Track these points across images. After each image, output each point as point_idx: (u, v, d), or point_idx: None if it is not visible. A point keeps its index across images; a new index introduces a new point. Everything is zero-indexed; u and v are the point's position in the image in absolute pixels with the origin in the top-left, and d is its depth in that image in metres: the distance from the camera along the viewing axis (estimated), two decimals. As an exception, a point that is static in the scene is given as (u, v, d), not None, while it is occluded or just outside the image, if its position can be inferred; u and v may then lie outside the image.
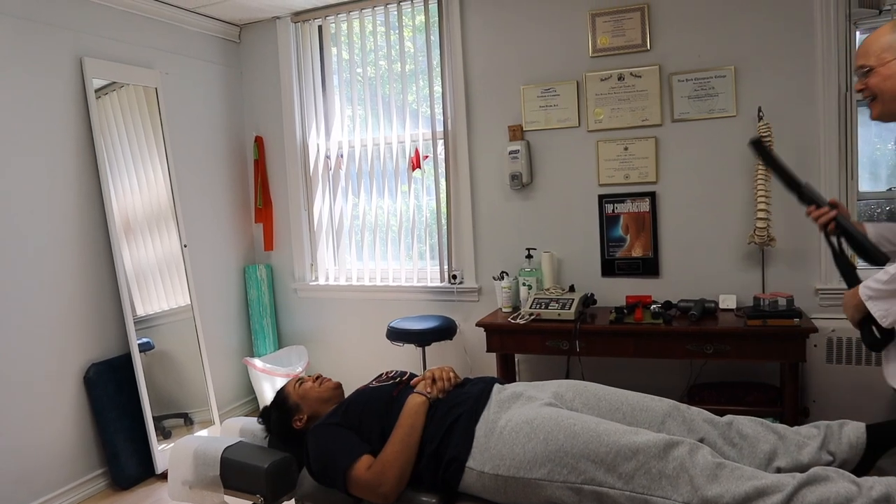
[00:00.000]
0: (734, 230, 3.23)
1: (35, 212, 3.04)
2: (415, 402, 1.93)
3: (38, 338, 3.04)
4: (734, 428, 1.81)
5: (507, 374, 3.36)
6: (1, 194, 2.90)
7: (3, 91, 2.92)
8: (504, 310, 3.45)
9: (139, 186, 3.56)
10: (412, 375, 2.21)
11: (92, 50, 3.31)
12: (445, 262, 3.82)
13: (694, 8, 3.21)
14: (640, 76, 3.32)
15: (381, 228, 4.05)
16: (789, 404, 2.83)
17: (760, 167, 2.98)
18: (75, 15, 3.24)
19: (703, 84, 3.22)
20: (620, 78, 3.36)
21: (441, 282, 3.85)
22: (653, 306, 3.09)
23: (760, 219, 2.98)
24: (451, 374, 2.07)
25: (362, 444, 1.91)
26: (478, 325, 3.29)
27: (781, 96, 3.10)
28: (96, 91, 3.32)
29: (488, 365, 3.39)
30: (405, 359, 3.72)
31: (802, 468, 1.65)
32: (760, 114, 3.04)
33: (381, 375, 2.24)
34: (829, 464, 1.68)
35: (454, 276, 3.78)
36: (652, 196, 3.35)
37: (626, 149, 3.38)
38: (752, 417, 1.85)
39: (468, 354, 3.74)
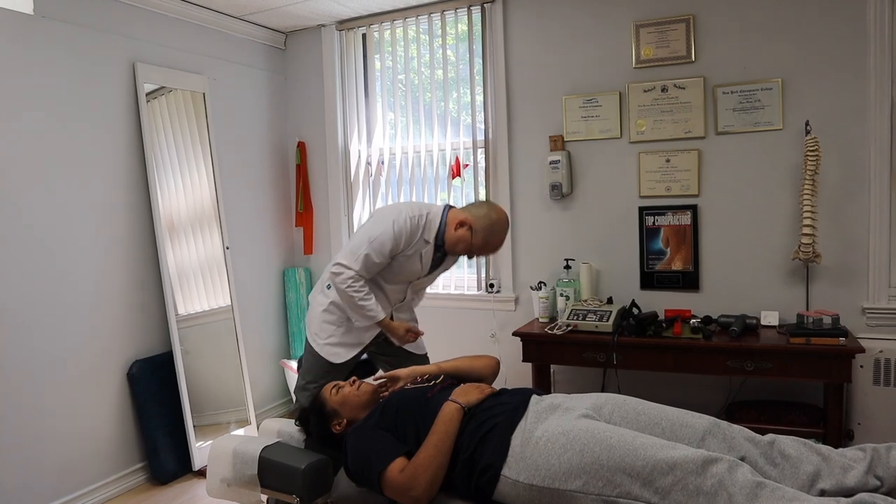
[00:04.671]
0: (778, 245, 3.17)
1: (86, 211, 3.14)
2: (450, 409, 1.94)
3: (86, 333, 3.13)
4: (776, 447, 1.77)
5: (543, 384, 3.34)
6: (55, 194, 3.00)
7: (61, 95, 3.02)
8: (541, 320, 3.44)
9: (184, 188, 3.65)
10: (446, 378, 2.22)
11: (144, 56, 3.42)
12: (483, 271, 3.82)
13: (740, 19, 3.17)
14: (683, 88, 3.29)
15: (419, 235, 4.07)
16: (833, 426, 2.76)
17: (807, 181, 2.92)
18: (130, 22, 3.34)
19: (748, 96, 3.17)
20: (664, 89, 3.33)
21: (478, 290, 3.85)
22: (692, 321, 3.05)
23: (806, 234, 2.92)
24: (487, 388, 2.08)
25: (398, 445, 1.93)
26: (514, 334, 3.28)
27: (830, 109, 3.03)
28: (147, 95, 3.42)
29: (524, 375, 3.37)
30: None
31: (847, 492, 1.61)
32: (808, 127, 2.99)
33: (416, 378, 2.26)
34: (876, 489, 1.63)
35: (491, 285, 3.78)
36: (694, 209, 3.31)
37: (668, 161, 3.35)
38: (796, 437, 1.80)
39: (503, 364, 3.72)
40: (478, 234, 2.61)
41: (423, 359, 2.87)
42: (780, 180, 3.15)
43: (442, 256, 2.73)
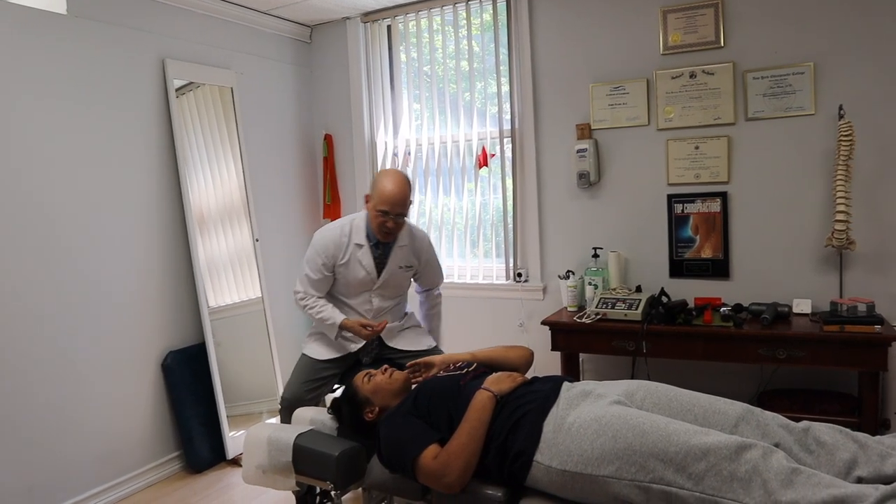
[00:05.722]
0: (810, 232, 3.12)
1: (120, 205, 3.21)
2: (482, 398, 1.95)
3: (121, 325, 3.20)
4: (811, 434, 1.75)
5: (572, 373, 3.34)
6: (89, 189, 3.07)
7: (93, 92, 3.08)
8: (569, 309, 3.43)
9: (213, 182, 3.70)
10: (479, 366, 2.24)
11: (173, 52, 3.47)
12: (511, 260, 3.83)
13: (771, 2, 3.11)
14: (712, 74, 3.25)
15: (446, 226, 4.09)
16: (868, 415, 2.72)
17: (841, 166, 2.88)
18: (159, 19, 3.39)
19: (779, 81, 3.12)
20: (692, 76, 3.29)
21: (506, 279, 3.86)
22: (722, 309, 3.02)
23: (839, 221, 2.87)
24: (519, 377, 2.09)
25: (431, 432, 1.95)
26: (543, 323, 3.28)
27: (865, 94, 2.97)
28: (176, 90, 3.47)
29: (552, 364, 3.37)
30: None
31: (886, 480, 1.59)
32: (841, 112, 2.93)
33: (448, 366, 2.28)
34: (914, 476, 1.62)
35: (519, 274, 3.78)
36: (723, 196, 3.27)
37: (696, 148, 3.32)
38: (831, 424, 1.79)
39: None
40: (371, 189, 2.75)
41: (430, 353, 2.92)
42: (812, 166, 3.10)
43: (382, 254, 2.83)
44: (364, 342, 2.86)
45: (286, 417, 2.70)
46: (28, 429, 2.81)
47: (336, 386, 3.00)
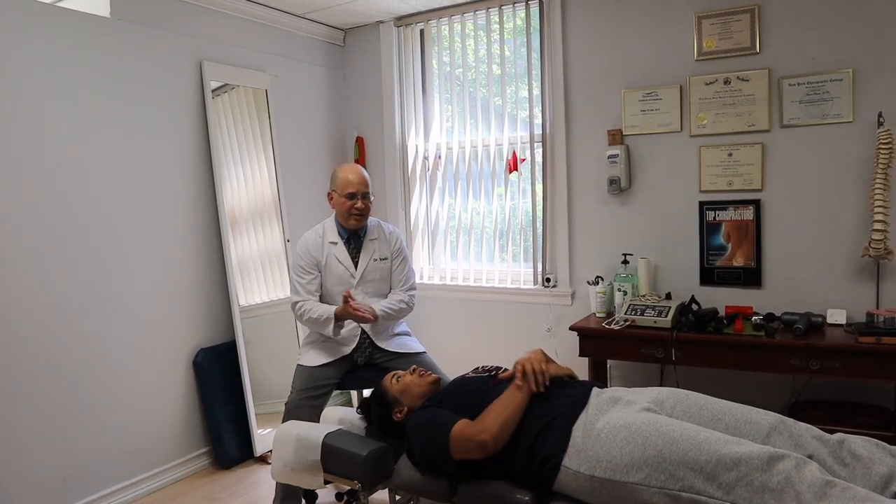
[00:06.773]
0: (846, 242, 3.07)
1: (155, 205, 3.27)
2: (512, 389, 1.98)
3: (154, 323, 3.26)
4: (846, 447, 1.72)
5: (599, 379, 3.32)
6: (126, 189, 3.14)
7: (133, 93, 3.15)
8: (598, 315, 3.41)
9: (246, 182, 3.75)
10: (507, 370, 2.24)
11: (210, 54, 3.53)
12: (539, 265, 3.82)
13: (809, 8, 3.07)
14: (747, 80, 3.22)
15: (475, 230, 4.10)
16: (904, 428, 2.67)
17: (879, 174, 2.82)
18: (197, 23, 3.46)
19: (816, 88, 3.08)
20: (727, 82, 3.26)
21: (534, 284, 3.85)
22: (754, 317, 2.98)
23: (877, 230, 2.82)
24: (542, 365, 2.04)
25: (459, 416, 1.97)
26: (571, 328, 3.27)
27: (905, 101, 2.92)
28: (212, 92, 3.53)
29: (580, 370, 3.33)
30: (498, 356, 3.73)
31: (923, 495, 1.56)
32: (881, 119, 2.88)
33: (477, 368, 2.29)
34: (954, 492, 1.58)
35: (548, 279, 3.77)
36: (756, 204, 3.23)
37: (730, 155, 3.28)
38: (867, 437, 1.75)
39: (559, 358, 3.69)
40: (332, 185, 2.98)
41: (421, 356, 3.01)
42: (848, 174, 3.05)
43: (356, 248, 3.00)
44: (356, 344, 2.96)
45: None
46: (63, 422, 2.87)
47: (337, 392, 3.06)
